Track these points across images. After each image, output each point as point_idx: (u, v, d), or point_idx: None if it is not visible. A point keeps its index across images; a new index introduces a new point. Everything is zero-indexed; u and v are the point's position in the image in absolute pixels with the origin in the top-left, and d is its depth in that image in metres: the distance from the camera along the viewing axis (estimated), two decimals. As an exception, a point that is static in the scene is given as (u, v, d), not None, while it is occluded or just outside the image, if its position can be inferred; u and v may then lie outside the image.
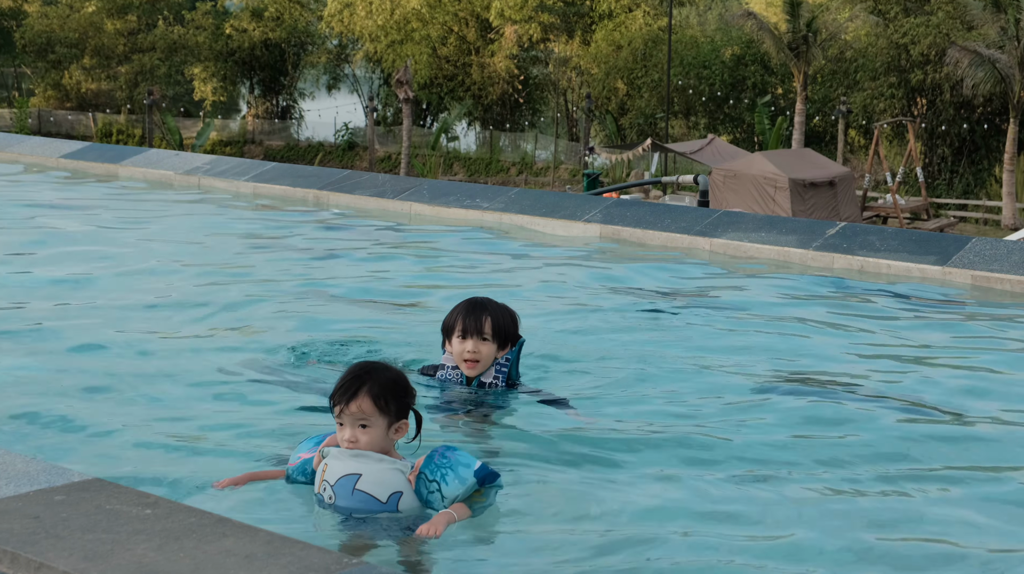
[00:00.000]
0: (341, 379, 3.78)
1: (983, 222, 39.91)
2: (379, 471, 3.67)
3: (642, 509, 3.93)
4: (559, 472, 4.23)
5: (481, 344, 4.87)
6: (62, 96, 62.47)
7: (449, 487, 3.65)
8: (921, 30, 41.93)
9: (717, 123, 49.95)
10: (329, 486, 3.70)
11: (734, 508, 3.97)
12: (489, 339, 4.88)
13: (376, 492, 3.65)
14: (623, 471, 4.28)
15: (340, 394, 3.75)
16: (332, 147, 57.65)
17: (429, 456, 3.71)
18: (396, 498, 3.66)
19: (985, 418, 5.09)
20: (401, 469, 3.70)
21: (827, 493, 4.14)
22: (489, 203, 10.20)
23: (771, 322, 6.79)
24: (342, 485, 3.68)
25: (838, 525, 3.85)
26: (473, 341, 4.86)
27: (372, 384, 3.75)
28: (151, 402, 4.96)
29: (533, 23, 52.65)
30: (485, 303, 4.96)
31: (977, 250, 8.14)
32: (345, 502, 3.67)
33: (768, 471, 4.33)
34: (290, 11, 59.40)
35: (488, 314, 4.89)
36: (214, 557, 2.67)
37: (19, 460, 3.31)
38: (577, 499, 4.00)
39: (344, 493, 3.67)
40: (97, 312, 6.60)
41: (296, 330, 6.26)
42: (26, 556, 2.67)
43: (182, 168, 12.48)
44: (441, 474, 3.66)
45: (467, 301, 4.98)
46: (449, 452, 3.73)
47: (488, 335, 4.88)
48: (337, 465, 3.72)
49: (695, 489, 4.14)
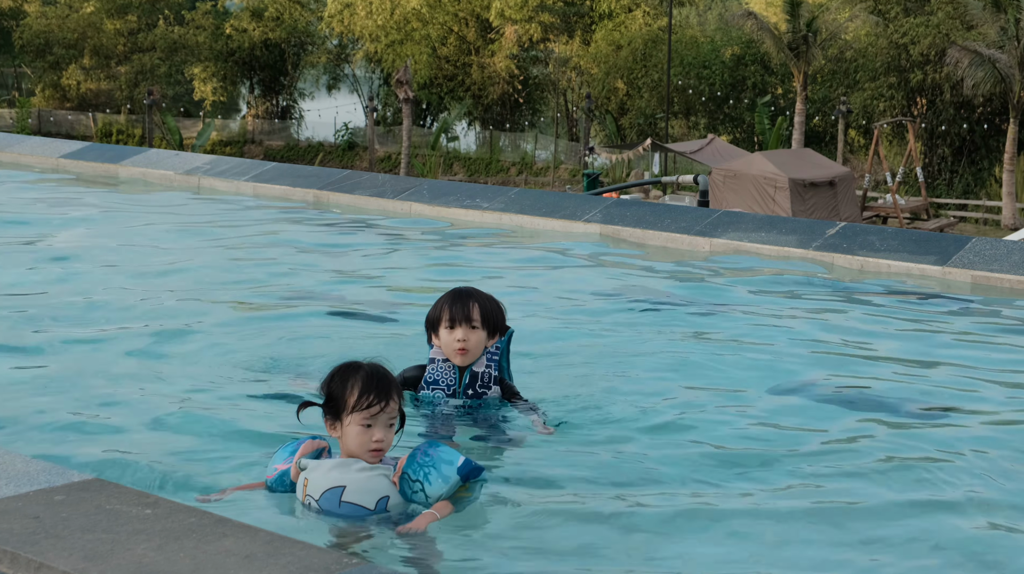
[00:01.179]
0: (365, 382, 3.73)
1: (983, 222, 39.91)
2: (363, 480, 3.66)
3: (642, 508, 3.93)
4: (559, 471, 4.23)
5: (471, 332, 4.75)
6: (61, 96, 62.46)
7: (432, 486, 3.63)
8: (921, 30, 41.93)
9: (717, 123, 49.96)
10: (314, 500, 3.68)
11: (734, 507, 3.97)
12: (478, 326, 4.77)
13: (363, 501, 3.64)
14: (622, 471, 4.28)
15: (377, 395, 3.70)
16: (332, 147, 57.64)
17: (411, 455, 3.69)
18: (384, 502, 3.65)
19: (984, 418, 5.09)
20: (384, 473, 3.68)
21: (826, 493, 4.14)
22: (489, 203, 10.20)
23: (770, 322, 6.79)
24: (327, 499, 3.65)
25: (837, 525, 3.85)
26: (462, 329, 4.73)
27: (396, 383, 3.79)
28: (150, 402, 4.96)
29: (533, 23, 52.66)
30: (471, 291, 4.88)
31: (977, 250, 8.14)
32: (333, 514, 3.65)
33: (767, 470, 4.33)
34: (290, 11, 59.39)
35: (475, 301, 4.80)
36: (214, 557, 2.67)
37: (19, 460, 3.31)
38: (576, 499, 3.99)
39: (331, 506, 3.65)
40: (96, 312, 6.59)
41: (295, 331, 6.26)
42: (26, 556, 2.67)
43: (182, 168, 12.47)
44: (424, 473, 3.64)
45: (452, 291, 4.88)
46: (431, 449, 3.71)
47: (477, 322, 4.77)
48: (319, 478, 3.69)
49: (695, 488, 4.13)
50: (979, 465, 4.48)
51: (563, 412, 4.95)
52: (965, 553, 3.70)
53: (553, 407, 4.96)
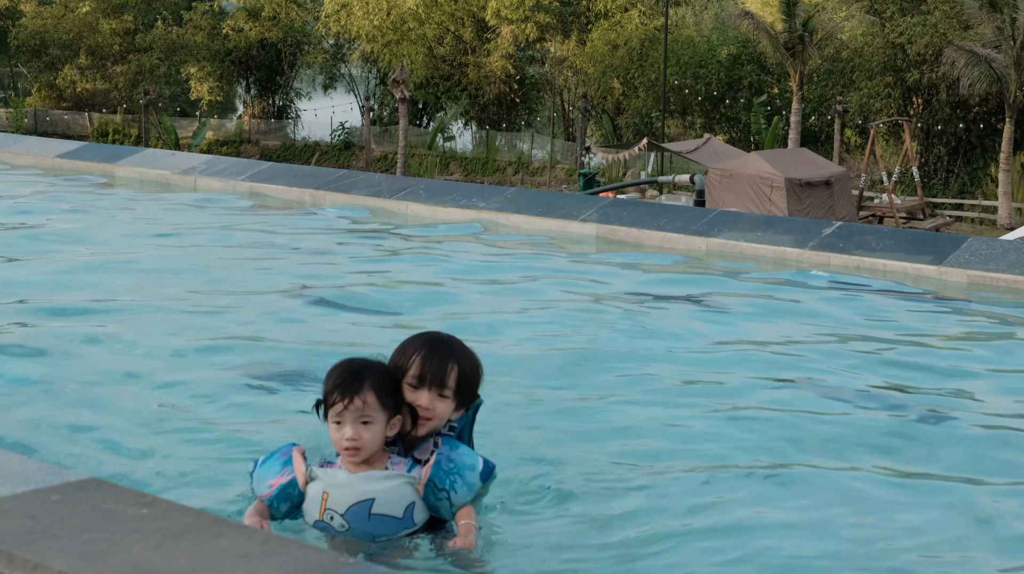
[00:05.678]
0: (336, 376, 3.58)
1: (979, 222, 39.97)
2: (391, 489, 3.55)
3: (640, 508, 3.93)
4: (558, 471, 4.23)
5: (438, 401, 3.69)
6: (57, 96, 62.43)
7: (459, 495, 3.57)
8: (917, 30, 41.98)
9: (713, 123, 50.00)
10: (338, 515, 3.53)
11: (732, 506, 3.97)
12: (449, 396, 3.71)
13: (392, 511, 3.54)
14: (619, 470, 4.28)
15: (341, 390, 3.53)
16: (328, 147, 57.63)
17: (436, 462, 3.59)
18: (411, 510, 3.56)
19: (981, 417, 5.10)
20: (408, 481, 3.58)
21: (825, 492, 4.15)
22: (485, 203, 10.20)
23: (768, 322, 6.79)
24: (356, 513, 3.53)
25: (836, 524, 3.86)
26: (429, 394, 3.68)
27: (373, 378, 3.56)
28: (148, 402, 4.96)
29: (529, 23, 52.67)
30: (451, 346, 3.79)
31: (973, 250, 8.14)
32: (362, 528, 3.52)
33: (765, 470, 4.33)
34: (286, 11, 59.38)
35: (455, 362, 3.73)
36: (210, 557, 2.67)
37: (15, 460, 3.30)
38: (575, 499, 4.00)
39: (359, 520, 3.52)
40: (93, 312, 6.59)
41: (292, 331, 6.26)
42: (22, 556, 2.66)
43: (178, 168, 12.47)
44: (451, 482, 3.56)
45: (427, 339, 3.80)
46: (453, 454, 3.63)
47: (450, 391, 3.70)
48: (342, 492, 3.54)
49: (693, 489, 4.14)
50: (977, 464, 4.49)
51: (556, 412, 4.95)
52: (966, 553, 3.70)
53: (544, 408, 4.95)
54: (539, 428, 4.70)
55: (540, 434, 4.61)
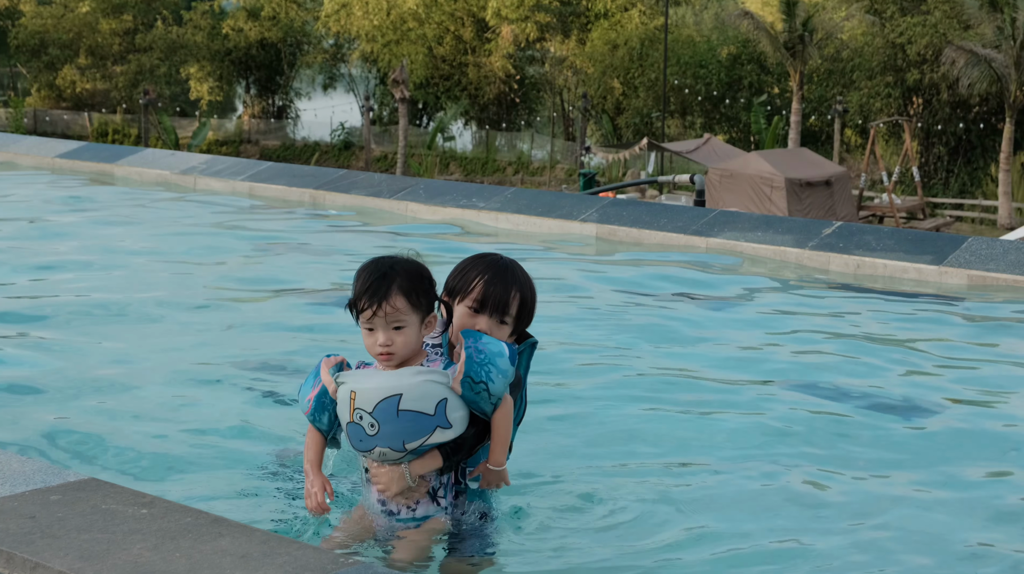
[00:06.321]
0: (364, 280, 3.41)
1: (979, 221, 39.94)
2: (419, 385, 3.39)
3: (640, 507, 3.93)
4: (557, 470, 4.23)
5: (497, 327, 3.59)
6: (57, 96, 62.41)
7: (496, 385, 3.43)
8: (918, 29, 41.97)
9: (713, 123, 49.97)
10: (367, 414, 3.38)
11: (732, 506, 3.97)
12: (509, 324, 3.61)
13: (422, 407, 3.38)
14: (618, 469, 4.28)
15: (369, 296, 3.36)
16: (328, 147, 57.60)
17: (468, 357, 3.43)
18: (443, 406, 3.40)
19: (980, 417, 5.10)
20: (439, 378, 3.42)
21: (824, 492, 4.15)
22: (485, 203, 10.20)
23: (767, 322, 6.79)
24: (383, 410, 3.37)
25: (835, 524, 3.86)
26: (489, 321, 3.58)
27: (401, 279, 3.40)
28: (148, 402, 4.96)
29: (529, 22, 52.65)
30: (514, 270, 3.65)
31: (973, 249, 8.14)
32: (391, 426, 3.37)
33: (764, 469, 4.33)
34: (286, 11, 59.37)
35: (518, 288, 3.60)
36: (210, 557, 2.67)
37: (15, 460, 3.30)
38: (574, 498, 3.99)
39: (388, 417, 3.37)
40: (93, 312, 6.59)
41: (292, 331, 6.26)
42: (22, 556, 2.66)
43: (178, 168, 12.47)
44: (486, 373, 3.41)
45: (491, 261, 3.66)
46: (480, 345, 3.46)
47: (510, 319, 3.61)
48: (369, 390, 3.39)
49: (693, 488, 4.14)
50: (976, 464, 4.49)
51: (559, 412, 4.95)
52: (965, 552, 3.70)
53: (551, 406, 4.96)
54: (536, 428, 4.70)
55: (538, 434, 4.60)
